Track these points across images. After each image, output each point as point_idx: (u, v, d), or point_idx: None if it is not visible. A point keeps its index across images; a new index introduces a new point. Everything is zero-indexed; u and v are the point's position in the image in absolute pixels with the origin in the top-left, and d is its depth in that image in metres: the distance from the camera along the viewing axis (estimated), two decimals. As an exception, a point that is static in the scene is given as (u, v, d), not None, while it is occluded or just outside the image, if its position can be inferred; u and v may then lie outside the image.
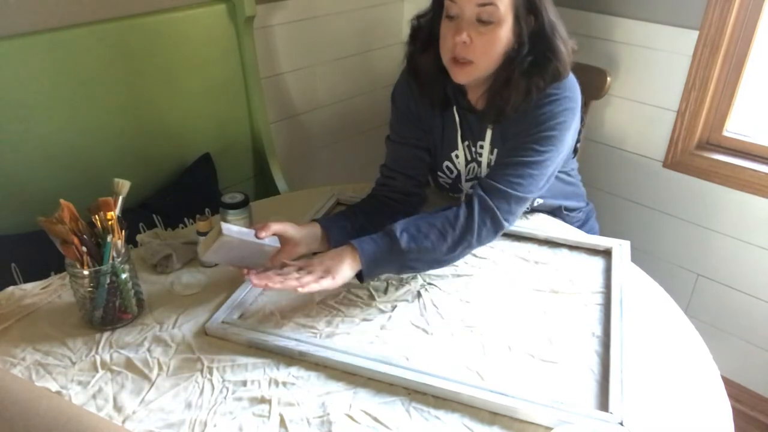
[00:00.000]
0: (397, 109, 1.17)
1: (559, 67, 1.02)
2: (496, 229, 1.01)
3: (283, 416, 0.78)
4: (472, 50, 0.99)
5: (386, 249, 0.95)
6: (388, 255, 0.95)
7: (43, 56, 1.23)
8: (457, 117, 1.13)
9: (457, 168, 1.18)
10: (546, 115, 1.03)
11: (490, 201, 1.00)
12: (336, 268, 0.91)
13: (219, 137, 1.60)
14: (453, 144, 1.16)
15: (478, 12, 0.96)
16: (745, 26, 1.47)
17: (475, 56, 0.99)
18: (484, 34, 0.98)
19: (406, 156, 1.17)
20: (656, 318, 0.97)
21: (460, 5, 0.97)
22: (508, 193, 1.01)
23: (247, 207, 1.10)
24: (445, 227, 0.97)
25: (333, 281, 0.90)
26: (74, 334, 0.92)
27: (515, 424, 0.78)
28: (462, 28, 0.98)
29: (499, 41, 0.99)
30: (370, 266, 0.94)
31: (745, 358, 1.72)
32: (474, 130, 1.14)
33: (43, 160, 1.29)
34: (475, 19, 0.97)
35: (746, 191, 1.55)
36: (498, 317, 0.97)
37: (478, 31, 0.97)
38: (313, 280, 0.89)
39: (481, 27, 0.97)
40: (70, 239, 0.85)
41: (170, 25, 1.41)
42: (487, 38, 0.98)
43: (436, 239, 0.96)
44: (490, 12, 0.96)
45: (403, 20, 2.11)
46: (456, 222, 0.98)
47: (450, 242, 0.97)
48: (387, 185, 1.18)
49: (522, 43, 1.00)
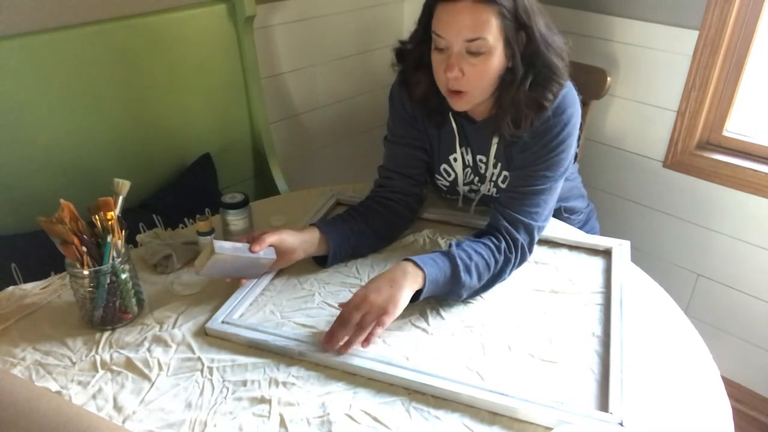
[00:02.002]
0: (395, 110, 1.17)
1: (559, 80, 1.01)
2: (521, 262, 1.07)
3: (283, 416, 0.78)
4: (465, 82, 0.97)
5: (447, 275, 0.95)
6: (445, 281, 0.95)
7: (43, 56, 1.23)
8: (454, 124, 1.12)
9: (454, 171, 1.18)
10: (555, 141, 1.03)
11: (518, 236, 1.04)
12: (396, 297, 0.88)
13: (219, 137, 1.60)
14: (451, 148, 1.15)
15: (467, 46, 0.94)
16: (745, 26, 1.47)
17: (469, 87, 0.98)
18: (475, 65, 0.95)
19: (403, 156, 1.17)
20: (656, 318, 0.97)
21: (448, 40, 0.94)
22: (531, 226, 1.05)
23: (247, 207, 1.10)
24: (490, 262, 1.00)
25: (394, 313, 0.88)
26: (74, 334, 0.92)
27: (515, 424, 0.78)
28: (453, 64, 0.95)
29: (492, 70, 0.97)
30: (429, 289, 0.93)
31: (745, 358, 1.72)
32: (472, 139, 1.13)
33: (43, 160, 1.28)
34: (465, 51, 0.95)
35: (746, 191, 1.55)
36: (498, 317, 0.97)
37: (469, 62, 0.95)
38: (378, 325, 0.87)
39: (472, 59, 0.95)
40: (70, 239, 0.85)
41: (170, 25, 1.40)
42: (479, 69, 0.96)
43: (483, 272, 0.99)
44: (478, 45, 0.93)
45: (403, 20, 2.11)
46: (498, 258, 1.01)
47: (488, 278, 1.00)
48: (385, 186, 1.17)
49: (516, 64, 0.98)
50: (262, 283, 1.02)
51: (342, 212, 1.14)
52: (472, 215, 1.22)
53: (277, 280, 1.05)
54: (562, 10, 1.72)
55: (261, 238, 0.96)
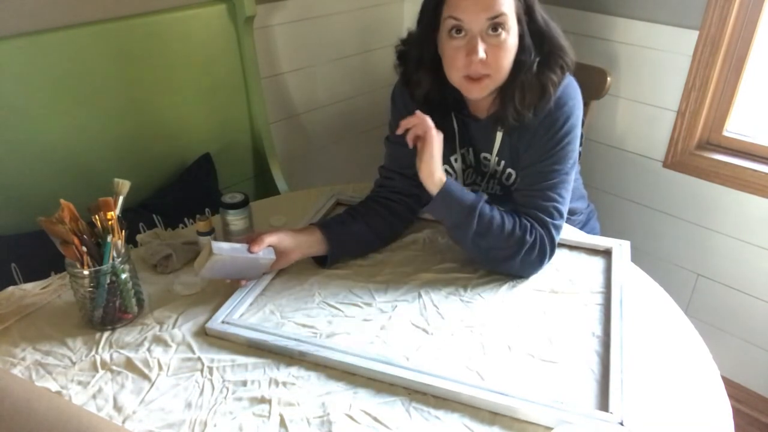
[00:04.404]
0: (396, 110, 1.16)
1: (566, 59, 1.01)
2: (541, 260, 1.03)
3: (283, 416, 0.78)
4: (487, 64, 0.96)
5: (464, 200, 0.98)
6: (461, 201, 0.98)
7: (43, 56, 1.23)
8: (455, 124, 1.12)
9: (455, 172, 1.18)
10: (561, 132, 1.02)
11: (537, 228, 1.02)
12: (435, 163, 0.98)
13: (219, 137, 1.60)
14: (451, 149, 1.15)
15: (490, 23, 0.93)
16: (745, 26, 1.47)
17: (491, 69, 0.97)
18: (496, 46, 0.95)
19: (404, 156, 1.16)
20: (656, 318, 0.97)
21: (468, 21, 0.93)
22: (547, 222, 1.03)
23: (247, 207, 1.10)
24: (508, 225, 1.00)
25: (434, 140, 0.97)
26: (74, 334, 0.92)
27: (515, 424, 0.78)
28: (476, 46, 0.94)
29: (512, 49, 0.97)
30: (445, 195, 0.98)
31: (745, 358, 1.72)
32: (475, 137, 1.13)
33: (43, 160, 1.29)
34: (486, 31, 0.94)
35: (746, 191, 1.55)
36: (498, 317, 0.97)
37: (490, 43, 0.95)
38: None
39: (493, 39, 0.94)
40: (70, 239, 0.85)
41: (170, 25, 1.41)
42: (501, 48, 0.95)
43: (497, 227, 0.99)
44: (502, 20, 0.93)
45: (403, 20, 2.11)
46: (517, 230, 1.00)
47: (500, 238, 1.00)
48: (385, 186, 1.17)
49: (526, 44, 0.99)
50: (262, 283, 1.02)
51: (342, 212, 1.14)
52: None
53: (277, 280, 1.05)
54: (562, 10, 1.72)
55: (259, 239, 0.96)
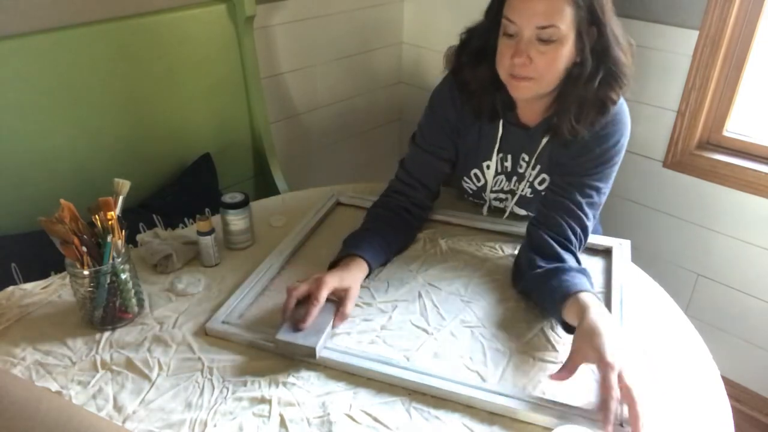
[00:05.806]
0: (434, 115, 1.14)
1: (624, 80, 0.99)
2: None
3: (283, 416, 0.78)
4: (533, 69, 0.95)
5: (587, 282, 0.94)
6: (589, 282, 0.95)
7: (43, 56, 1.23)
8: (501, 130, 1.10)
9: (485, 177, 1.17)
10: (614, 149, 1.03)
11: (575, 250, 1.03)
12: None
13: (219, 137, 1.60)
14: (487, 154, 1.13)
15: (538, 33, 0.92)
16: (745, 26, 1.47)
17: (536, 74, 0.95)
18: (544, 54, 0.93)
19: (427, 164, 1.15)
20: (656, 318, 0.97)
21: (519, 26, 0.93)
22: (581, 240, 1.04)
23: (247, 207, 1.10)
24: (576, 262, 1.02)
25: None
26: (74, 334, 0.92)
27: (515, 424, 0.78)
28: (520, 50, 0.93)
29: (561, 59, 0.95)
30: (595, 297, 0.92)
31: (745, 358, 1.72)
32: (516, 144, 1.11)
33: (43, 160, 1.29)
34: (536, 38, 0.93)
35: (746, 191, 1.55)
36: (498, 317, 0.97)
37: (538, 50, 0.93)
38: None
39: (542, 46, 0.93)
40: (70, 239, 0.85)
41: (170, 25, 1.41)
42: (549, 57, 0.94)
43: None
44: (550, 33, 0.92)
45: (403, 20, 2.11)
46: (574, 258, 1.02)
47: None
48: (406, 195, 1.15)
49: (585, 58, 0.96)
50: (262, 283, 1.02)
51: (373, 225, 1.10)
52: (473, 216, 1.22)
53: (277, 280, 1.05)
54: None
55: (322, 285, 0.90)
